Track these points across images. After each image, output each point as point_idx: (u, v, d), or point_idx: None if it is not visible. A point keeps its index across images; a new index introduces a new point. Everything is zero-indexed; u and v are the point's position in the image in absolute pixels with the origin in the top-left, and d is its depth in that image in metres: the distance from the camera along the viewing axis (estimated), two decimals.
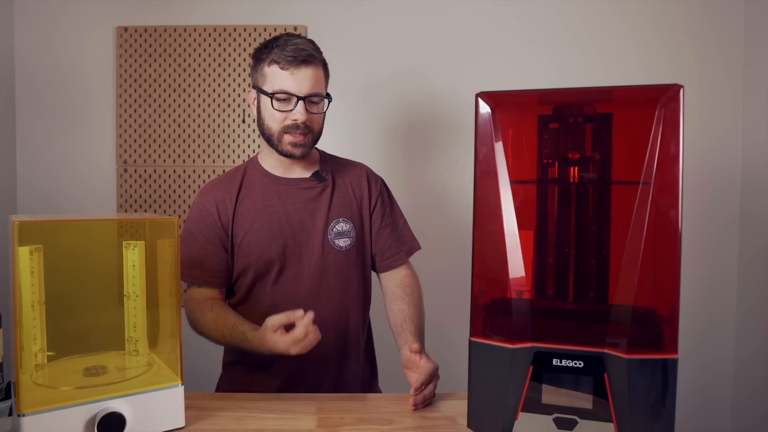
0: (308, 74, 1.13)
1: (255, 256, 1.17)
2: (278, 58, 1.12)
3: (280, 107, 1.13)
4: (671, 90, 0.73)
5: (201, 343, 1.20)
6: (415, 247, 1.30)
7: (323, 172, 1.25)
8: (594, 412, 0.75)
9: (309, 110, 1.14)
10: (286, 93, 1.12)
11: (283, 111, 1.13)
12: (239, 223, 1.19)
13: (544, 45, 1.97)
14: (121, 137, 1.99)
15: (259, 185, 1.22)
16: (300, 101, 1.12)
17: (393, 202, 1.33)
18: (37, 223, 0.85)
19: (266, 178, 1.23)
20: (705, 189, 1.97)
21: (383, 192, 1.30)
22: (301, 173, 1.23)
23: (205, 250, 1.18)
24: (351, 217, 1.23)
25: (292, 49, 1.12)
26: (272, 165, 1.23)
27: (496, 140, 0.81)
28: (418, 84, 1.99)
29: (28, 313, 0.81)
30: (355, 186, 1.26)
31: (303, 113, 1.13)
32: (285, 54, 1.12)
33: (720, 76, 1.97)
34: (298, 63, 1.12)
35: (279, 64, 1.12)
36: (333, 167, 1.28)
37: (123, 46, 1.97)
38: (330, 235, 1.20)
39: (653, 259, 0.74)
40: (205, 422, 0.89)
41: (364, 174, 1.29)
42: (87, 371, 0.87)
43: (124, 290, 0.90)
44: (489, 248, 0.81)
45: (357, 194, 1.26)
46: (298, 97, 1.12)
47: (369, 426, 0.89)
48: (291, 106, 1.13)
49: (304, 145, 1.16)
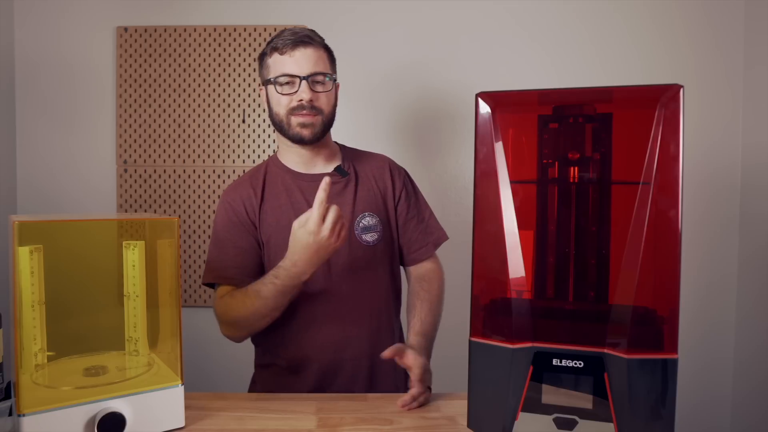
0: (307, 54, 1.13)
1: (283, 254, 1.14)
2: (277, 45, 1.14)
3: (284, 90, 1.14)
4: (671, 90, 0.73)
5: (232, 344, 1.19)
6: (442, 238, 1.28)
7: (345, 166, 1.23)
8: (594, 412, 0.75)
9: (313, 89, 1.14)
10: (287, 75, 1.13)
11: (287, 94, 1.14)
12: (266, 221, 1.18)
13: (544, 45, 1.97)
14: (121, 137, 1.99)
15: (282, 182, 1.21)
16: (303, 81, 1.12)
17: (417, 192, 1.31)
18: (37, 223, 0.85)
19: (288, 175, 1.22)
20: (705, 188, 1.97)
21: (407, 183, 1.29)
22: (322, 168, 1.22)
23: (236, 249, 1.16)
24: (376, 210, 1.21)
25: (289, 33, 1.14)
26: (293, 161, 1.22)
27: (496, 140, 0.81)
28: (419, 84, 1.99)
29: (28, 313, 0.81)
30: (378, 179, 1.25)
31: (307, 91, 1.12)
32: (283, 39, 1.14)
33: (720, 75, 1.97)
34: (296, 44, 1.13)
35: (278, 50, 1.14)
36: (354, 160, 1.26)
37: (123, 46, 1.97)
38: (357, 231, 1.18)
39: (653, 259, 0.74)
40: (205, 422, 0.89)
41: (386, 166, 1.27)
42: (87, 371, 0.87)
43: (124, 290, 0.90)
44: (489, 248, 0.81)
45: (381, 187, 1.24)
46: (300, 78, 1.12)
47: (369, 426, 0.89)
48: (295, 87, 1.13)
49: (313, 125, 1.15)
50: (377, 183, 1.24)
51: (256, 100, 1.98)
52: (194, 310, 1.99)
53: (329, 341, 1.16)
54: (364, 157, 1.29)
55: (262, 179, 1.22)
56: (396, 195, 1.25)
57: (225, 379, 1.99)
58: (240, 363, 1.96)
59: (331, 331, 1.16)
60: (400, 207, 1.25)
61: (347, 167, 1.23)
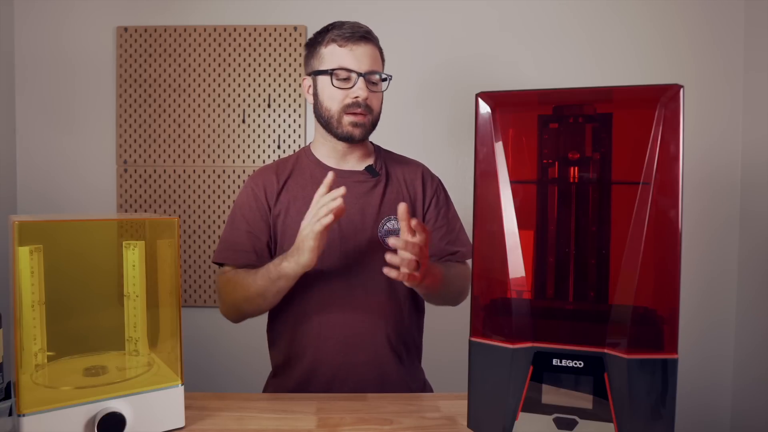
0: (367, 51, 1.12)
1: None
2: (336, 37, 1.11)
3: (340, 85, 1.11)
4: (671, 90, 0.73)
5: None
6: (469, 254, 1.21)
7: (377, 167, 1.21)
8: (594, 412, 0.75)
9: (369, 88, 1.12)
10: (345, 69, 1.10)
11: (343, 89, 1.11)
12: (284, 209, 1.16)
13: (544, 45, 1.97)
14: (121, 137, 1.99)
15: (310, 174, 1.19)
16: (360, 78, 1.10)
17: (450, 204, 1.27)
18: (37, 223, 0.85)
19: (318, 168, 1.19)
20: (705, 187, 1.97)
21: (439, 192, 1.25)
22: (354, 165, 1.20)
23: (249, 233, 1.15)
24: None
25: (350, 27, 1.11)
26: (325, 154, 1.20)
27: (496, 140, 0.81)
28: (418, 84, 1.99)
29: (28, 313, 0.81)
30: (409, 184, 1.22)
31: (364, 89, 1.10)
32: (343, 32, 1.11)
33: (720, 74, 1.97)
34: (357, 39, 1.11)
35: (337, 42, 1.11)
36: (387, 162, 1.24)
37: (123, 46, 1.97)
38: (380, 233, 1.16)
39: (653, 259, 0.74)
40: (205, 422, 0.89)
41: (419, 172, 1.24)
42: (87, 371, 0.87)
43: (124, 290, 0.90)
44: (489, 248, 0.81)
45: (411, 192, 1.21)
46: (358, 74, 1.10)
47: (369, 426, 0.89)
48: (351, 83, 1.11)
49: (364, 125, 1.13)
50: (407, 188, 1.21)
51: (256, 100, 1.98)
52: (194, 310, 1.99)
53: (341, 345, 1.14)
54: (398, 160, 1.26)
55: (290, 168, 1.20)
56: (426, 203, 1.22)
57: (225, 378, 2.00)
58: (240, 363, 1.96)
59: (343, 335, 1.14)
60: (429, 214, 1.22)
61: (379, 168, 1.20)
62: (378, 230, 1.16)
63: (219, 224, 2.00)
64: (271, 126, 1.99)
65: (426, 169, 1.27)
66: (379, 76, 1.14)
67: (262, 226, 1.16)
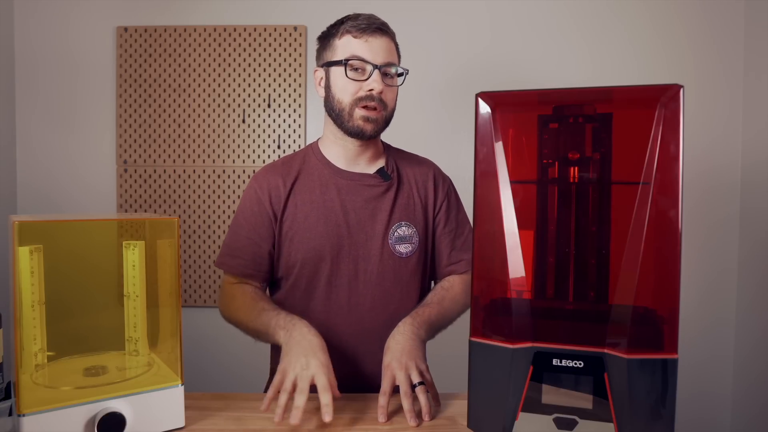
0: (383, 44, 1.07)
1: (304, 254, 1.09)
2: (351, 28, 1.06)
3: (354, 76, 1.05)
4: (671, 90, 0.73)
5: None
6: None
7: (388, 169, 1.16)
8: (594, 412, 0.75)
9: (384, 81, 1.06)
10: (360, 59, 1.05)
11: (357, 80, 1.05)
12: (291, 214, 1.11)
13: (544, 45, 1.97)
14: (121, 137, 1.99)
15: (318, 176, 1.13)
16: (376, 70, 1.05)
17: (460, 206, 1.23)
18: (37, 223, 0.85)
19: (327, 169, 1.14)
20: (705, 186, 1.97)
21: (450, 194, 1.21)
22: (365, 167, 1.15)
23: (249, 239, 1.12)
24: (414, 221, 1.14)
25: (365, 18, 1.07)
26: (335, 154, 1.15)
27: (496, 140, 0.81)
28: (418, 83, 1.98)
29: (28, 313, 0.81)
30: (421, 187, 1.17)
31: (379, 82, 1.05)
32: (359, 23, 1.06)
33: (720, 74, 1.97)
34: (373, 31, 1.06)
35: (352, 34, 1.06)
36: (398, 163, 1.19)
37: (123, 46, 1.97)
38: (390, 240, 1.11)
39: (653, 259, 0.74)
40: (205, 422, 0.89)
41: (431, 173, 1.20)
42: (87, 371, 0.87)
43: (124, 290, 0.90)
44: (489, 248, 0.81)
45: (422, 196, 1.17)
46: (373, 66, 1.05)
47: (369, 426, 0.89)
48: (365, 75, 1.05)
49: (377, 120, 1.08)
50: (419, 191, 1.17)
51: (256, 100, 1.98)
52: (194, 310, 1.99)
53: (348, 355, 1.10)
54: (409, 160, 1.21)
55: (297, 169, 1.15)
56: (437, 206, 1.18)
57: (225, 378, 2.00)
58: (240, 363, 1.96)
59: (350, 344, 1.11)
60: (439, 218, 1.18)
61: (390, 170, 1.16)
62: (388, 237, 1.12)
63: (219, 224, 2.00)
64: (271, 126, 1.99)
65: (438, 170, 1.23)
66: (395, 69, 1.09)
67: (264, 233, 1.12)
